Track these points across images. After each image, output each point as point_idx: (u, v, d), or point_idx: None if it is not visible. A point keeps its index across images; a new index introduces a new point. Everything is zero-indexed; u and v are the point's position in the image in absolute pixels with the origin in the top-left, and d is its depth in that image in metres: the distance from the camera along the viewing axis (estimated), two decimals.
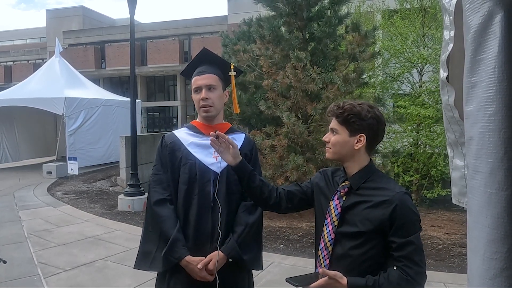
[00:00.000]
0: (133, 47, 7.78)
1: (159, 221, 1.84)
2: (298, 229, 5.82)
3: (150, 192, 1.92)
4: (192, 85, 1.92)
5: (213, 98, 1.88)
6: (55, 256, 4.74)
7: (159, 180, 1.89)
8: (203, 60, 1.95)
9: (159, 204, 1.86)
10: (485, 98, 0.65)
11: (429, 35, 8.36)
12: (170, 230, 1.80)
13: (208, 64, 1.93)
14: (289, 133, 5.62)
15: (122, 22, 31.58)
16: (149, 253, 1.88)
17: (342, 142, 1.49)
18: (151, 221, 1.90)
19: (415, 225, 1.41)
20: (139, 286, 3.85)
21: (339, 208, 1.50)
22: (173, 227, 1.81)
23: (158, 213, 1.85)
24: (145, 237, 1.93)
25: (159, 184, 1.88)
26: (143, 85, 27.61)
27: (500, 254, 0.62)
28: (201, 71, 1.91)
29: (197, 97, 1.89)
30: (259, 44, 6.31)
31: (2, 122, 12.91)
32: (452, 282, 3.93)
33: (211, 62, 1.95)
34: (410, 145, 7.69)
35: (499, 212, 0.62)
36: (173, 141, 1.92)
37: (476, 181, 0.68)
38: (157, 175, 1.91)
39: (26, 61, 33.88)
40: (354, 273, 1.40)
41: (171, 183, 1.88)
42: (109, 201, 8.16)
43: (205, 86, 1.87)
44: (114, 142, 12.24)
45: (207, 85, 1.87)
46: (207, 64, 1.94)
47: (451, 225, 6.11)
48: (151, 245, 1.88)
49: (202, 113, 1.90)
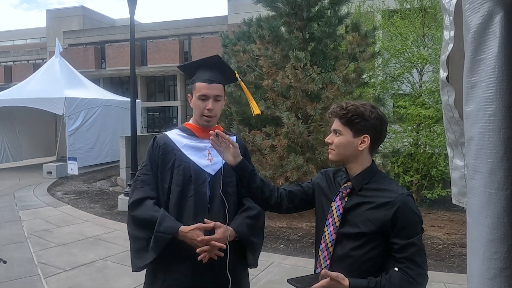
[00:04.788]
0: (133, 47, 7.78)
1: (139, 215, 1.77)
2: (298, 229, 5.82)
3: (132, 191, 1.84)
4: (197, 91, 1.84)
5: (217, 109, 1.85)
6: (55, 256, 4.74)
7: (147, 181, 1.83)
8: (213, 67, 1.89)
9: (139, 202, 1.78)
10: (485, 98, 0.65)
11: (429, 35, 8.35)
12: (155, 214, 1.73)
13: (217, 72, 1.88)
14: (289, 133, 5.62)
15: (122, 22, 31.60)
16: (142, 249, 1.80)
17: (346, 143, 1.48)
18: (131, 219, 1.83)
19: (417, 226, 1.41)
20: (139, 286, 3.85)
21: (341, 209, 1.50)
22: (157, 211, 1.75)
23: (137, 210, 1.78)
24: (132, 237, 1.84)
25: (147, 185, 1.82)
26: (143, 85, 27.61)
27: (500, 254, 0.62)
28: (211, 79, 1.84)
29: (202, 105, 1.82)
30: (259, 44, 6.31)
31: (3, 122, 12.92)
32: (452, 282, 3.93)
33: (221, 70, 1.90)
34: (410, 145, 7.68)
35: (499, 212, 0.62)
36: (165, 143, 1.88)
37: (476, 181, 0.68)
38: (146, 175, 1.84)
39: (26, 61, 33.93)
40: (355, 274, 1.40)
41: (161, 185, 1.82)
42: (109, 201, 8.16)
43: (213, 96, 1.82)
44: (114, 142, 12.25)
45: (215, 96, 1.83)
46: (217, 72, 1.88)
47: (451, 225, 6.11)
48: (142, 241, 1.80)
49: (203, 122, 1.85)
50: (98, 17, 32.36)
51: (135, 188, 1.84)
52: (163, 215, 1.74)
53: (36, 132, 14.04)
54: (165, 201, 1.82)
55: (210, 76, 1.85)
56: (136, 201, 1.80)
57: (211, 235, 1.71)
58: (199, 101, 1.84)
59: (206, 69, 1.87)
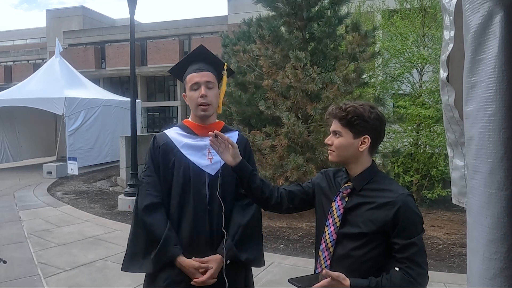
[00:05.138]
0: (133, 47, 7.78)
1: (149, 225, 1.78)
2: (298, 229, 5.82)
3: (141, 194, 1.83)
4: (188, 82, 1.84)
5: (211, 96, 1.83)
6: (55, 256, 4.74)
7: (153, 182, 1.82)
8: (200, 57, 1.90)
9: (151, 209, 1.79)
10: (485, 98, 0.65)
11: (429, 35, 8.35)
12: (161, 230, 1.75)
13: (205, 62, 1.88)
14: (289, 133, 5.62)
15: (122, 22, 31.60)
16: (138, 254, 1.82)
17: (347, 144, 1.48)
18: (141, 223, 1.82)
19: (418, 226, 1.41)
20: (139, 286, 3.84)
21: (341, 209, 1.50)
22: (164, 227, 1.76)
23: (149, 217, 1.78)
24: (133, 239, 1.85)
25: (153, 186, 1.82)
26: (143, 85, 27.61)
27: (500, 254, 0.62)
28: (199, 68, 1.85)
29: (195, 94, 1.81)
30: (259, 44, 6.31)
31: (3, 122, 12.92)
32: (452, 282, 3.93)
33: (208, 59, 1.91)
34: (410, 145, 7.68)
35: (499, 212, 0.62)
36: (165, 143, 1.86)
37: (476, 181, 0.68)
38: (150, 176, 1.83)
39: (26, 61, 33.93)
40: (355, 274, 1.40)
41: (163, 185, 1.82)
42: (109, 201, 8.16)
43: (204, 83, 1.81)
44: (114, 142, 12.25)
45: (206, 82, 1.82)
46: (204, 62, 1.88)
47: (451, 225, 6.11)
48: (141, 246, 1.81)
49: (200, 112, 1.82)
50: (98, 17, 32.37)
51: (142, 192, 1.84)
52: (167, 235, 1.75)
53: (36, 132, 14.04)
54: (167, 202, 1.82)
55: (198, 66, 1.86)
56: (148, 207, 1.79)
57: (206, 270, 1.73)
58: (191, 92, 1.84)
59: (193, 62, 1.89)
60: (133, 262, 1.83)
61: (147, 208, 1.79)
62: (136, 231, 1.85)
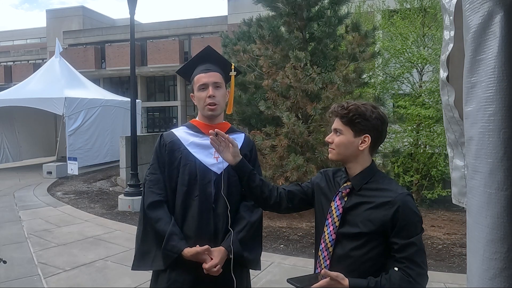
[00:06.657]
0: (133, 47, 7.78)
1: (155, 221, 1.80)
2: (298, 229, 5.82)
3: (146, 192, 1.86)
4: (196, 83, 1.86)
5: (219, 96, 1.85)
6: (55, 256, 4.74)
7: (156, 180, 1.84)
8: (207, 58, 1.92)
9: (155, 206, 1.81)
10: (485, 98, 0.65)
11: (429, 35, 8.36)
12: (165, 227, 1.77)
13: (212, 63, 1.90)
14: (289, 133, 5.62)
15: (122, 22, 31.61)
16: (149, 252, 1.83)
17: (347, 142, 1.48)
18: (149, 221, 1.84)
19: (417, 226, 1.41)
20: (139, 286, 3.85)
21: (340, 209, 1.50)
22: (168, 223, 1.78)
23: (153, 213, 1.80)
24: (142, 237, 1.87)
25: (155, 184, 1.83)
26: (143, 85, 27.61)
27: (500, 254, 0.62)
28: (207, 68, 1.87)
29: (203, 94, 1.84)
30: (259, 44, 6.31)
31: (3, 122, 12.92)
32: (452, 282, 3.93)
33: (215, 60, 1.92)
34: (410, 145, 7.69)
35: (499, 212, 0.62)
36: (172, 141, 1.87)
37: (475, 181, 0.68)
38: (154, 174, 1.85)
39: (26, 61, 33.91)
40: (355, 274, 1.40)
41: (168, 183, 1.84)
42: (109, 201, 8.16)
43: (212, 83, 1.84)
44: (114, 142, 12.25)
45: (214, 83, 1.84)
46: (211, 63, 1.90)
47: (451, 225, 6.11)
48: (150, 244, 1.83)
49: (208, 112, 1.85)
50: (98, 17, 32.35)
51: (146, 189, 1.86)
52: (171, 231, 1.76)
53: (36, 132, 14.04)
54: (172, 200, 1.83)
55: (205, 66, 1.88)
56: (152, 204, 1.81)
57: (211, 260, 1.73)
58: (199, 92, 1.86)
59: (201, 63, 1.91)
60: (144, 260, 1.85)
61: (150, 206, 1.82)
62: (145, 229, 1.87)
